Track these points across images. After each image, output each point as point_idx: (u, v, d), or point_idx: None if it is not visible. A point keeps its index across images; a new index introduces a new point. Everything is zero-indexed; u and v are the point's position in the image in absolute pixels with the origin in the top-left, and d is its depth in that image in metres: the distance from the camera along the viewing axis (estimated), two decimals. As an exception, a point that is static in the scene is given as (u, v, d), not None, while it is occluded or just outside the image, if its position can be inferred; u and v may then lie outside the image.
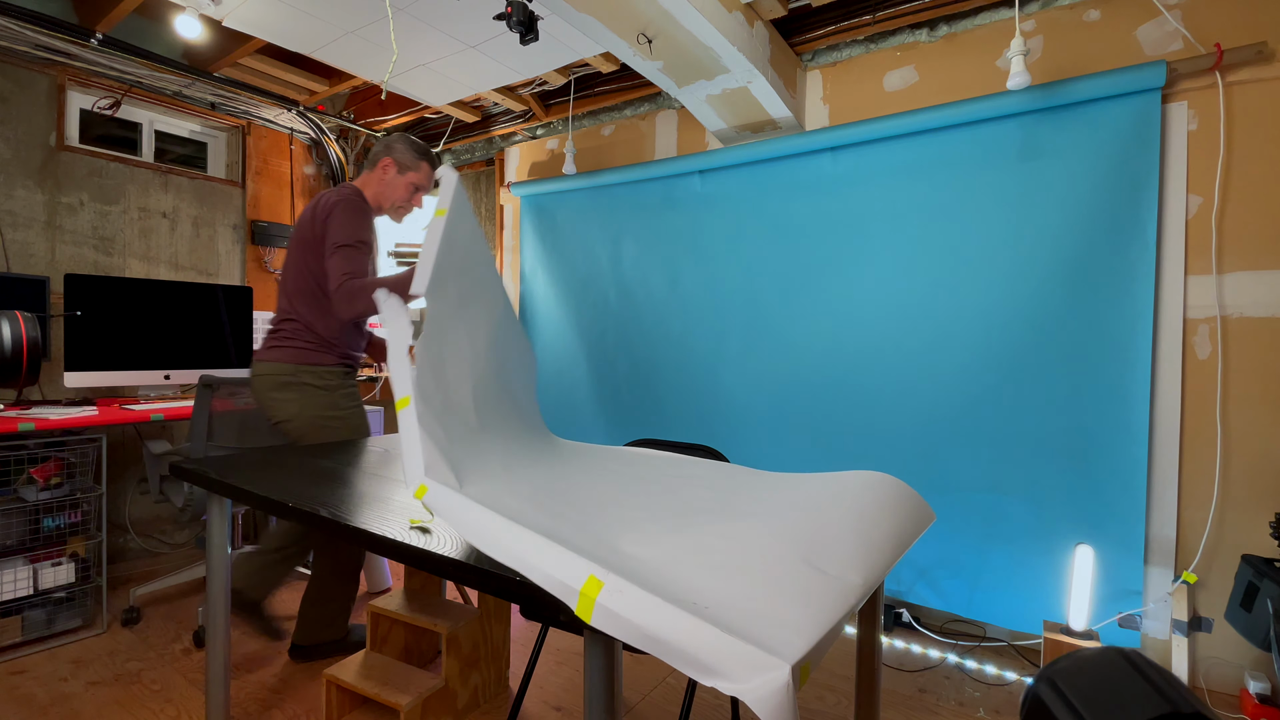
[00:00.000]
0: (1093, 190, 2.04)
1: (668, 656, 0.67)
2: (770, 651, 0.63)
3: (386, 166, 2.08)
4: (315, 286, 1.96)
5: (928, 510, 1.22)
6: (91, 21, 2.60)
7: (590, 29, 1.95)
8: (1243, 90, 1.92)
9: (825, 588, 0.79)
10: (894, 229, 2.38)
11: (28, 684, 1.90)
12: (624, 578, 0.71)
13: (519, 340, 1.55)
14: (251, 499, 1.21)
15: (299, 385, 1.93)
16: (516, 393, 1.47)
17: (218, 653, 1.46)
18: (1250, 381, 1.91)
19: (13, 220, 2.57)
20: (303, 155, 3.55)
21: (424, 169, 2.12)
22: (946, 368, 2.27)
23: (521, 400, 1.50)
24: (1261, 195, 1.90)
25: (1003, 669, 2.10)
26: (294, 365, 1.93)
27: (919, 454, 2.33)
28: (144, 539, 2.93)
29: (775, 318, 2.64)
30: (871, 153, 2.43)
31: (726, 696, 1.91)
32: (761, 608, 0.71)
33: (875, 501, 1.14)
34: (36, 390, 2.64)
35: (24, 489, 2.14)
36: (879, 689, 1.39)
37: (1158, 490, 2.01)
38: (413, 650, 2.00)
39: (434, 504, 0.87)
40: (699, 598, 0.71)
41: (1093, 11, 2.12)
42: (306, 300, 1.96)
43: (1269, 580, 1.59)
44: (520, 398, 1.49)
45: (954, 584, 2.27)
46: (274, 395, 1.94)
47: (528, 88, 3.17)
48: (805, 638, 0.66)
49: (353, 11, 2.36)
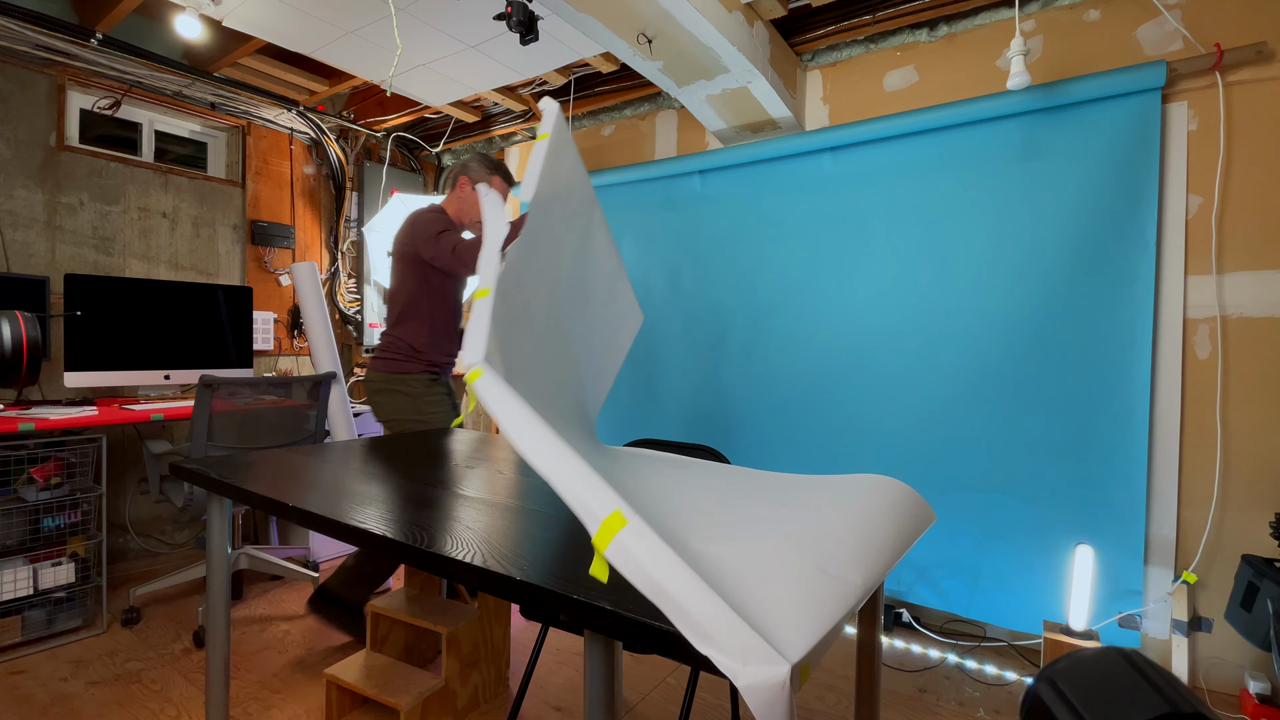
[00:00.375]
0: (1093, 190, 2.04)
1: (670, 612, 0.66)
2: (774, 646, 0.63)
3: (463, 184, 2.25)
4: (406, 299, 2.19)
5: (928, 511, 1.22)
6: (91, 21, 2.60)
7: (590, 29, 1.95)
8: (1243, 90, 1.92)
9: (828, 589, 0.79)
10: (894, 229, 2.38)
11: (28, 684, 1.90)
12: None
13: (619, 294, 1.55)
14: (251, 499, 1.21)
15: (390, 392, 2.18)
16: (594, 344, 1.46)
17: (218, 653, 1.46)
18: (1250, 381, 1.91)
19: (13, 220, 2.57)
20: (303, 155, 3.55)
21: (495, 182, 2.25)
22: (946, 368, 2.27)
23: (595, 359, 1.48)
24: (1261, 195, 1.90)
25: (1003, 669, 2.10)
26: (387, 375, 2.19)
27: (919, 454, 2.33)
28: (144, 539, 2.93)
29: (775, 317, 2.64)
30: (871, 153, 2.43)
31: (726, 696, 1.91)
32: (767, 605, 0.71)
33: (878, 502, 1.14)
34: (36, 390, 2.64)
35: (24, 489, 2.14)
36: (879, 689, 1.39)
37: (1158, 490, 2.01)
38: (413, 650, 2.00)
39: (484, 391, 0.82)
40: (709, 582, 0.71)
41: (1093, 11, 2.12)
42: (401, 314, 2.20)
43: (1269, 580, 1.59)
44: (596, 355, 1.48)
45: (954, 584, 2.27)
46: (375, 399, 2.21)
47: (528, 88, 3.17)
48: (807, 639, 0.66)
49: (353, 11, 2.36)
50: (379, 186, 3.77)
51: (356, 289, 3.78)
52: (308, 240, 3.58)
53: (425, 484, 1.29)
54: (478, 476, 1.37)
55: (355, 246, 3.78)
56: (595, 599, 0.75)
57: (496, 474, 1.40)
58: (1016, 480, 2.16)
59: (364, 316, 3.76)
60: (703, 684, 1.98)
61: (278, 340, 3.45)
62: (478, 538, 0.95)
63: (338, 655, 2.12)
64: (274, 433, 2.43)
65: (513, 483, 1.32)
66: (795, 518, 1.06)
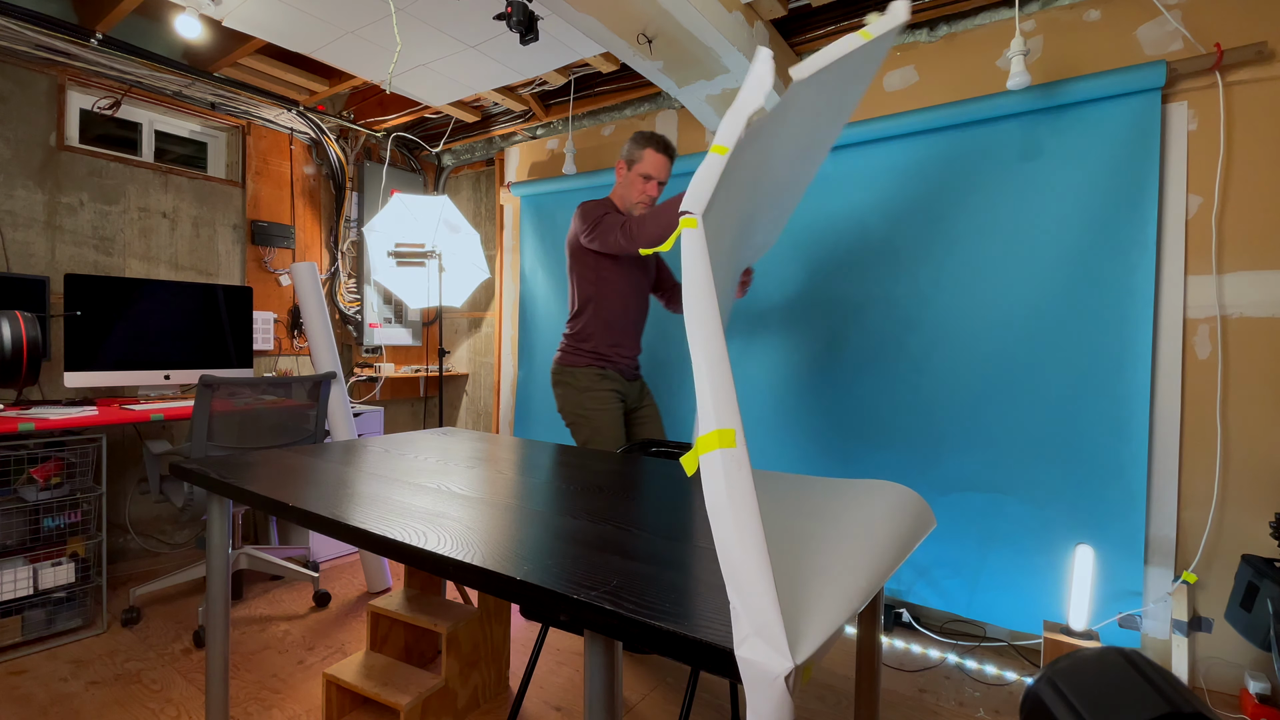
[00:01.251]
0: (1093, 190, 2.04)
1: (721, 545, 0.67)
2: (782, 645, 0.63)
3: (620, 169, 2.21)
4: (576, 292, 2.24)
5: (930, 516, 1.22)
6: (91, 21, 2.60)
7: (590, 29, 1.95)
8: (1243, 90, 1.92)
9: (831, 592, 0.79)
10: (893, 229, 2.38)
11: (28, 684, 1.90)
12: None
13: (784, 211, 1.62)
14: (251, 499, 1.21)
15: (561, 384, 2.25)
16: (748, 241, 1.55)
17: (218, 653, 1.46)
18: (1250, 381, 1.91)
19: (13, 220, 2.57)
20: (303, 155, 3.55)
21: (647, 154, 2.13)
22: (946, 368, 2.27)
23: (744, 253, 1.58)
24: (1261, 195, 1.90)
25: (1003, 669, 2.10)
26: (559, 365, 2.26)
27: (919, 454, 2.33)
28: (144, 539, 2.93)
29: (774, 317, 2.64)
30: (871, 153, 2.43)
31: (726, 697, 1.91)
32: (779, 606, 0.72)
33: (881, 506, 1.15)
34: (36, 390, 2.64)
35: (24, 489, 2.14)
36: (879, 689, 1.39)
37: (1157, 490, 2.01)
38: (413, 650, 2.00)
39: (688, 243, 0.79)
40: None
41: (1093, 11, 2.12)
42: (574, 307, 2.25)
43: (1269, 580, 1.59)
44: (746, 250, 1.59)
45: (954, 584, 2.27)
46: (553, 390, 2.27)
47: (528, 88, 3.17)
48: (811, 643, 0.67)
49: (353, 11, 2.36)
50: (379, 186, 3.77)
51: (356, 289, 3.78)
52: (308, 240, 3.58)
53: (425, 484, 1.29)
54: (478, 476, 1.37)
55: (355, 246, 3.78)
56: (595, 599, 0.75)
57: (497, 474, 1.40)
58: (1016, 480, 2.16)
59: (364, 316, 3.76)
60: (703, 684, 1.98)
61: (278, 340, 3.45)
62: (478, 538, 0.95)
63: (338, 655, 2.12)
64: (274, 433, 2.43)
65: (513, 483, 1.32)
66: (798, 521, 1.06)
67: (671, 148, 2.17)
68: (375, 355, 3.85)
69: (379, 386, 3.78)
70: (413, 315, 4.05)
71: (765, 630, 0.64)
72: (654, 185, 2.15)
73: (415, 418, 4.17)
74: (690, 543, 0.96)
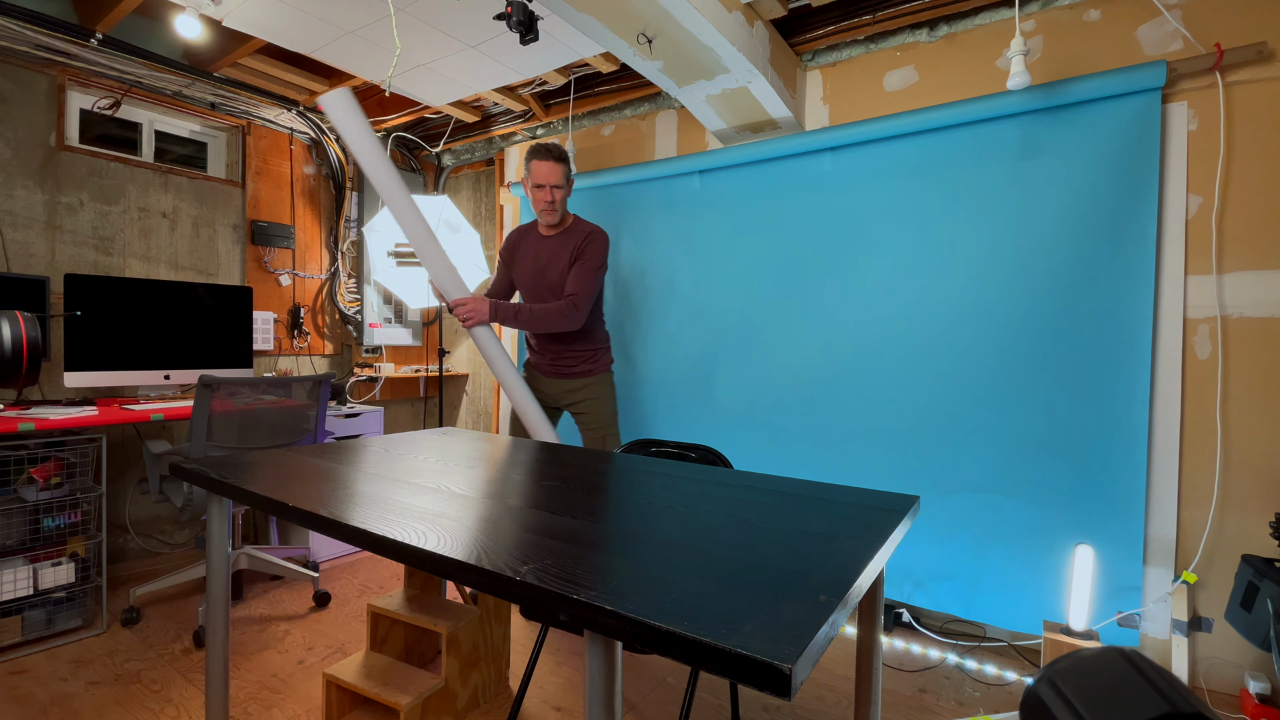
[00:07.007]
0: (1093, 190, 2.04)
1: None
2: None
3: (525, 188, 2.34)
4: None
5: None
6: (91, 21, 2.60)
7: (590, 29, 1.95)
8: (1243, 90, 1.92)
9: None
10: (893, 229, 2.38)
11: (28, 684, 1.90)
12: None
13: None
14: (251, 499, 1.21)
15: (609, 385, 2.50)
16: None
17: (218, 653, 1.46)
18: (1250, 381, 1.91)
19: (13, 220, 2.57)
20: (303, 155, 3.55)
21: (533, 166, 2.27)
22: (946, 368, 2.27)
23: None
24: (1261, 195, 1.90)
25: (1003, 669, 2.10)
26: (608, 372, 2.50)
27: (918, 454, 2.33)
28: (144, 539, 2.93)
29: (774, 317, 2.64)
30: (871, 152, 2.43)
31: (726, 696, 1.91)
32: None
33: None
34: (36, 390, 2.64)
35: (24, 489, 2.14)
36: (879, 689, 1.39)
37: (1157, 490, 2.01)
38: (413, 650, 2.00)
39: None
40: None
41: (1093, 11, 2.12)
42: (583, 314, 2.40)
43: (1269, 580, 1.59)
44: None
45: (954, 584, 2.27)
46: (598, 393, 2.46)
47: (528, 88, 3.17)
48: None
49: (352, 11, 2.36)
50: (379, 186, 3.76)
51: (356, 289, 3.78)
52: (308, 240, 3.58)
53: (425, 484, 1.29)
54: (478, 476, 1.37)
55: (355, 246, 3.78)
56: (595, 599, 0.75)
57: (497, 474, 1.40)
58: (1016, 480, 2.16)
59: (364, 316, 3.76)
60: (703, 684, 1.98)
61: (277, 340, 3.45)
62: (478, 538, 0.95)
63: (338, 655, 2.12)
64: (274, 433, 2.43)
65: (513, 483, 1.32)
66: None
67: (551, 150, 2.26)
68: (375, 355, 3.85)
69: (379, 386, 3.78)
70: (413, 315, 4.05)
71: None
72: (546, 190, 2.27)
73: (415, 418, 4.17)
74: (692, 544, 0.96)
